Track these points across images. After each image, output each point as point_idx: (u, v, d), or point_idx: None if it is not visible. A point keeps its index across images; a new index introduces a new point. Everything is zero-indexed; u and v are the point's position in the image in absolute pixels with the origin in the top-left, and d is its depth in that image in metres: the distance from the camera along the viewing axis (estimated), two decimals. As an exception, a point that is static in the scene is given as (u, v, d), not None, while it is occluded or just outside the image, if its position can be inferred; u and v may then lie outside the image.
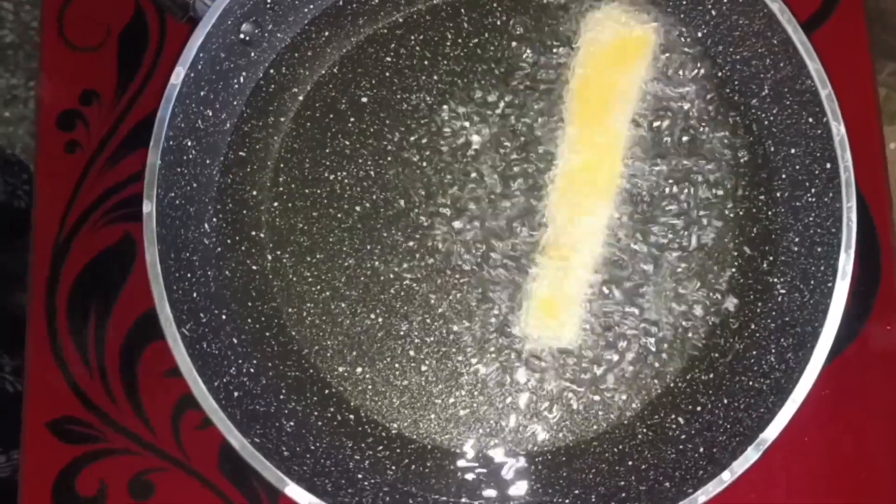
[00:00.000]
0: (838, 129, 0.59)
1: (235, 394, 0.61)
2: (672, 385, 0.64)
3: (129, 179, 0.69)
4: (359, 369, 0.64)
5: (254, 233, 0.66)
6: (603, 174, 0.66)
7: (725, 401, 0.62)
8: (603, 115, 0.66)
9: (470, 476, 0.63)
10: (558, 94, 0.67)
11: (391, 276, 0.65)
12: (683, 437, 0.62)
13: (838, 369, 0.66)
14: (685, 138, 0.66)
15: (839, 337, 0.58)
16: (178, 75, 0.60)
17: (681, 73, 0.67)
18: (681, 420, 0.63)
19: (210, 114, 0.64)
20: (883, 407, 0.67)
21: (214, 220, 0.65)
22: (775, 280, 0.64)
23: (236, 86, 0.66)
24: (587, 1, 0.67)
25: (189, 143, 0.63)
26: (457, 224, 0.65)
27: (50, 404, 0.67)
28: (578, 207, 0.65)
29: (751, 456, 0.56)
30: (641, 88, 0.66)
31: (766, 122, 0.65)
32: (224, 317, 0.64)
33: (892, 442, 0.67)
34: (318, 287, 0.65)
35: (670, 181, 0.65)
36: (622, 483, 0.61)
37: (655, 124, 0.66)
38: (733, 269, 0.65)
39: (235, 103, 0.66)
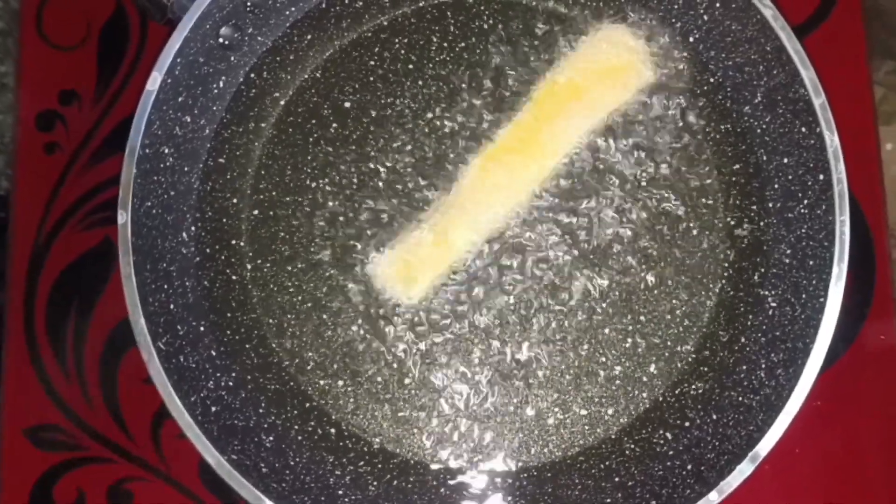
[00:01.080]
0: (832, 140, 0.58)
1: (213, 408, 0.60)
2: (660, 399, 0.63)
3: (109, 182, 0.68)
4: (340, 382, 0.63)
5: (234, 241, 0.65)
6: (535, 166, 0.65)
7: (714, 416, 0.61)
8: (563, 118, 0.65)
9: (452, 492, 0.62)
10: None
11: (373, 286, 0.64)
12: (671, 453, 0.61)
13: (832, 378, 0.65)
14: (675, 144, 0.65)
15: (832, 346, 0.57)
16: (155, 81, 0.59)
17: (672, 78, 0.66)
18: (669, 436, 0.62)
19: (188, 120, 0.63)
20: (876, 417, 0.67)
21: (193, 228, 0.64)
22: (766, 293, 0.63)
23: (216, 91, 0.65)
24: (576, 9, 0.66)
25: (167, 151, 0.62)
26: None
27: (27, 411, 0.67)
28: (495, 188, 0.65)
29: (739, 475, 0.56)
30: (624, 101, 0.66)
31: (758, 131, 0.64)
32: (202, 328, 0.63)
33: (886, 452, 0.66)
34: (300, 298, 0.64)
35: (660, 188, 0.64)
36: (608, 500, 0.61)
37: (644, 129, 0.65)
38: (723, 281, 0.64)
39: (215, 109, 0.65)
